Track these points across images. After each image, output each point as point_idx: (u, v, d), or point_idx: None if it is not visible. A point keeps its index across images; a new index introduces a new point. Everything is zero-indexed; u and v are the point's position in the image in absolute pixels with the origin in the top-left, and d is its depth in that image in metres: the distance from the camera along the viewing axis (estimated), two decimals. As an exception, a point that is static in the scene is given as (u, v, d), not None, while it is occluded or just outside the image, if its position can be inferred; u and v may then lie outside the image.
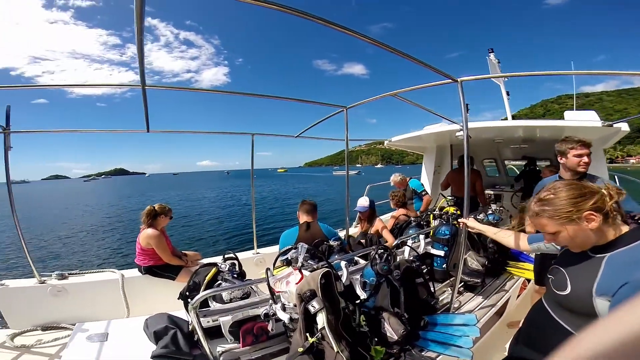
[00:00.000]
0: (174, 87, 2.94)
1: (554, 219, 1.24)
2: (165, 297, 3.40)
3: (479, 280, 2.92)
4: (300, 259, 2.13)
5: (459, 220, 2.55)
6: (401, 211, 4.30)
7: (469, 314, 2.29)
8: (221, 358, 1.91)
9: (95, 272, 3.56)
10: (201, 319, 1.95)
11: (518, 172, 7.21)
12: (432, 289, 2.43)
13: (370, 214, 4.01)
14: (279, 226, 15.12)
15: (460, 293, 2.92)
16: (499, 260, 3.25)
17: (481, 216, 3.54)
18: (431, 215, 3.82)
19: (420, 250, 3.00)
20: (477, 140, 5.82)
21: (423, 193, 5.21)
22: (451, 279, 2.97)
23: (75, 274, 3.45)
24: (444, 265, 3.02)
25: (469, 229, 2.44)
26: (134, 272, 3.55)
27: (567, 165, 2.56)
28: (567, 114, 4.82)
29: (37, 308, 3.17)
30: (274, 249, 4.31)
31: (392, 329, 1.83)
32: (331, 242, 2.83)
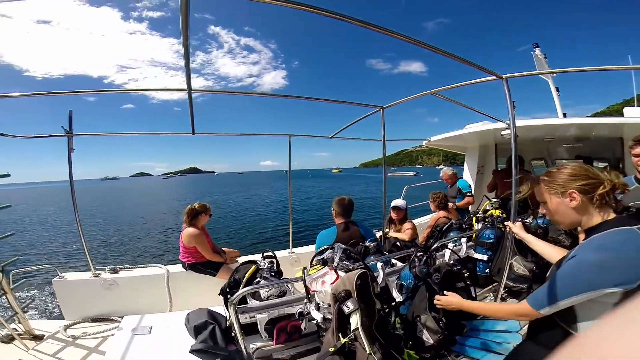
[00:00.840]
0: (218, 90, 3.05)
1: (546, 188, 1.37)
2: (205, 293, 3.54)
3: (525, 287, 2.73)
4: (336, 260, 2.12)
5: (506, 223, 2.41)
6: (442, 213, 4.15)
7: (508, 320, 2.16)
8: (254, 354, 1.95)
9: (143, 267, 3.79)
10: (239, 315, 2.00)
11: None
12: (473, 293, 2.31)
13: (404, 216, 3.92)
14: (318, 224, 15.23)
15: (503, 299, 2.76)
16: (549, 266, 3.02)
17: (529, 219, 3.32)
18: (474, 218, 3.65)
19: (462, 253, 2.87)
20: (525, 139, 5.47)
21: (467, 194, 5.01)
22: (494, 284, 2.82)
23: (126, 268, 3.69)
24: (487, 270, 2.86)
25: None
26: (178, 268, 3.73)
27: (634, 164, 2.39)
28: (627, 110, 4.39)
29: (90, 300, 3.41)
30: (309, 249, 4.35)
31: (428, 333, 1.77)
32: (367, 243, 2.78)
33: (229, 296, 2.34)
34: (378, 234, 3.99)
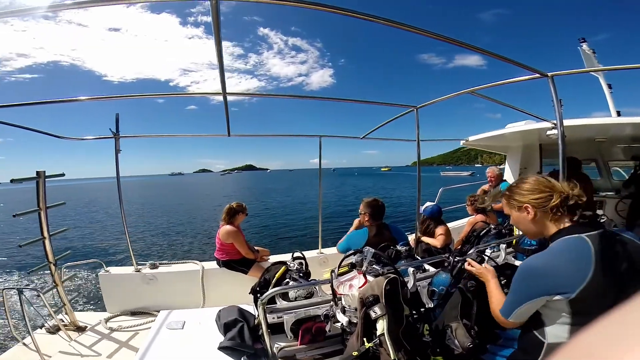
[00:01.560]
0: (251, 93, 3.14)
1: (507, 202, 1.47)
2: (237, 290, 3.62)
3: None
4: (366, 263, 2.08)
5: None
6: (479, 217, 3.95)
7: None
8: (279, 354, 1.96)
9: (180, 262, 3.95)
10: (267, 315, 2.02)
11: (626, 176, 6.12)
12: None
13: (435, 220, 3.77)
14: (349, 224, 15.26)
15: None
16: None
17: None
18: (515, 223, 3.44)
19: (500, 260, 2.71)
20: (573, 140, 5.10)
21: None
22: None
23: (165, 263, 3.86)
24: None
25: None
26: (212, 265, 3.85)
27: None
28: None
29: (130, 294, 3.61)
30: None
31: (458, 340, 1.68)
32: (399, 247, 2.70)
33: (258, 295, 2.38)
34: (411, 237, 3.88)
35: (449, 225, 5.33)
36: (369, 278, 1.85)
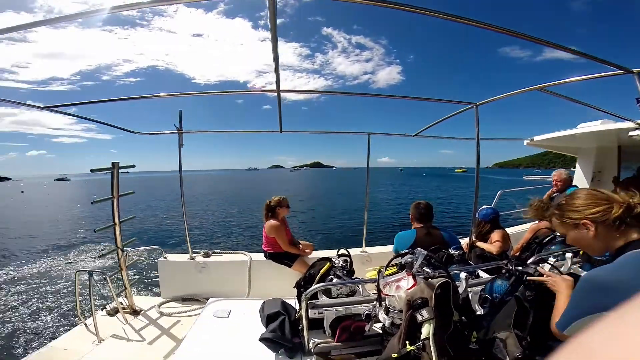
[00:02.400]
0: (305, 91, 3.19)
1: (561, 221, 1.35)
2: (281, 283, 3.69)
3: None
4: (416, 265, 2.00)
5: None
6: (543, 224, 3.60)
7: None
8: (314, 349, 1.96)
9: (231, 252, 4.12)
10: (309, 310, 2.02)
11: None
12: None
13: (491, 224, 3.51)
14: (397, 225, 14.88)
15: None
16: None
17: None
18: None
19: (564, 269, 2.47)
20: None
21: None
22: None
23: (217, 252, 4.05)
24: None
25: None
26: (260, 256, 3.96)
27: None
28: None
29: (183, 281, 3.82)
30: (381, 249, 4.24)
31: (507, 350, 1.55)
32: (451, 251, 2.57)
33: (302, 290, 2.40)
34: (464, 241, 3.68)
35: (508, 230, 4.96)
36: (419, 280, 1.78)
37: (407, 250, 2.13)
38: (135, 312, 3.39)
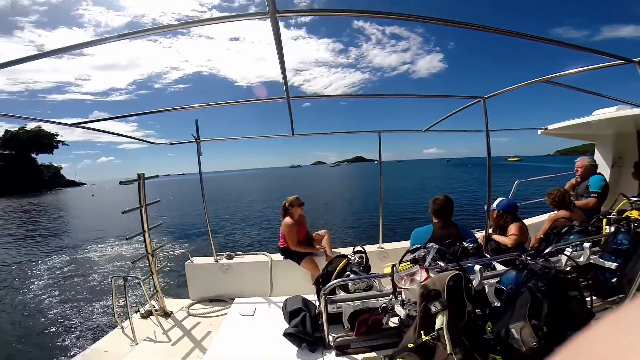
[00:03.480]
0: (313, 96, 3.28)
1: None
2: (301, 280, 3.81)
3: None
4: (429, 259, 2.07)
5: None
6: (561, 213, 3.53)
7: None
8: (334, 343, 2.05)
9: (252, 254, 4.27)
10: (328, 305, 2.13)
11: None
12: (589, 305, 1.97)
13: (505, 216, 3.48)
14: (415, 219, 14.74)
15: None
16: None
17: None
18: (604, 220, 3.06)
19: (582, 259, 2.47)
20: None
21: (593, 194, 4.09)
22: (620, 296, 2.36)
23: (239, 254, 4.21)
24: (614, 280, 2.39)
25: None
26: (279, 256, 4.10)
27: None
28: None
29: (210, 282, 3.98)
30: (398, 245, 4.25)
31: (522, 340, 1.59)
32: (465, 244, 2.60)
33: (321, 286, 2.51)
34: (480, 234, 3.68)
35: (528, 221, 4.89)
36: (431, 274, 1.85)
37: (419, 245, 2.19)
38: (166, 315, 3.56)
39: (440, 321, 1.53)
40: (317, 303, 2.49)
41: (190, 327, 3.30)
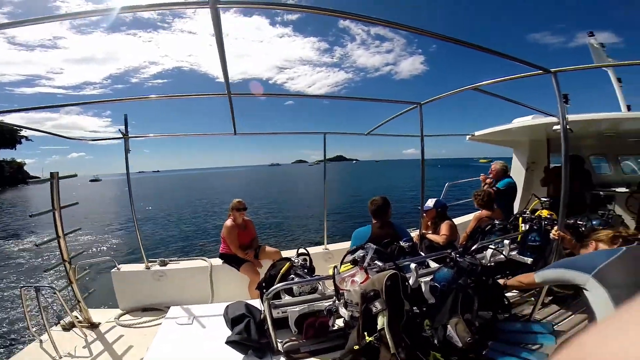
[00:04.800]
0: (256, 94, 3.18)
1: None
2: (244, 286, 3.69)
3: (571, 292, 2.54)
4: (367, 260, 2.12)
5: (553, 231, 2.32)
6: (484, 212, 3.91)
7: (545, 322, 2.12)
8: (283, 348, 2.02)
9: (189, 259, 4.03)
10: (272, 310, 2.08)
11: (637, 169, 6.01)
12: (505, 300, 2.20)
13: (436, 216, 3.75)
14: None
15: (545, 305, 2.58)
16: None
17: (583, 222, 3.06)
18: (520, 219, 3.43)
19: (502, 256, 2.74)
20: (583, 135, 5.03)
21: (495, 189, 4.58)
22: (537, 289, 2.67)
23: (174, 261, 3.95)
24: None
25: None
26: (220, 261, 3.93)
27: None
28: None
29: (141, 291, 3.69)
30: (343, 245, 4.36)
31: (458, 335, 1.72)
32: (402, 243, 2.73)
33: (264, 291, 2.45)
34: (415, 233, 3.90)
35: (459, 219, 5.31)
36: (371, 274, 1.90)
37: (357, 246, 2.25)
38: (93, 326, 3.25)
39: (382, 321, 1.58)
40: (261, 308, 2.43)
41: (121, 339, 3.04)
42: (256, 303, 2.62)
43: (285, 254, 4.04)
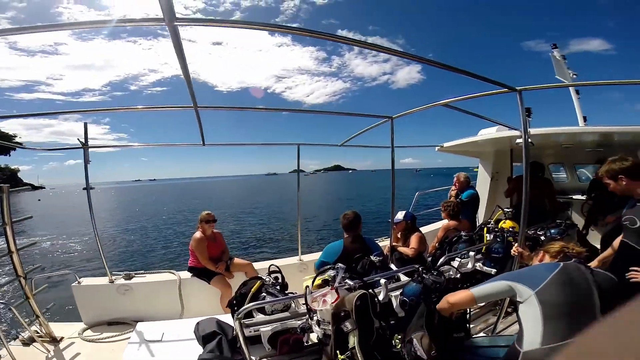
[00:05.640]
0: (223, 107, 3.13)
1: None
2: (215, 300, 3.62)
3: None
4: (338, 279, 2.15)
5: (513, 249, 2.50)
6: (452, 223, 4.03)
7: (509, 335, 2.18)
8: None
9: (156, 272, 3.90)
10: (244, 329, 2.05)
11: (591, 177, 6.46)
12: (467, 312, 2.30)
13: (406, 228, 3.84)
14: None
15: (508, 313, 2.72)
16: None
17: (541, 232, 3.25)
18: (485, 229, 3.58)
19: (469, 266, 2.85)
20: (542, 145, 5.35)
21: (459, 199, 4.82)
22: (500, 300, 2.80)
23: (140, 274, 3.81)
24: None
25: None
26: (189, 275, 3.83)
27: None
28: None
29: (106, 305, 3.55)
30: (318, 256, 4.36)
31: (423, 349, 1.77)
32: (372, 258, 2.77)
33: (236, 309, 2.41)
34: (384, 243, 3.97)
35: (428, 227, 5.47)
36: (342, 293, 1.93)
37: (328, 267, 2.28)
38: (55, 340, 3.11)
39: (352, 341, 1.62)
40: (234, 325, 2.39)
41: (85, 353, 2.93)
42: (228, 319, 2.57)
43: (258, 265, 3.99)
